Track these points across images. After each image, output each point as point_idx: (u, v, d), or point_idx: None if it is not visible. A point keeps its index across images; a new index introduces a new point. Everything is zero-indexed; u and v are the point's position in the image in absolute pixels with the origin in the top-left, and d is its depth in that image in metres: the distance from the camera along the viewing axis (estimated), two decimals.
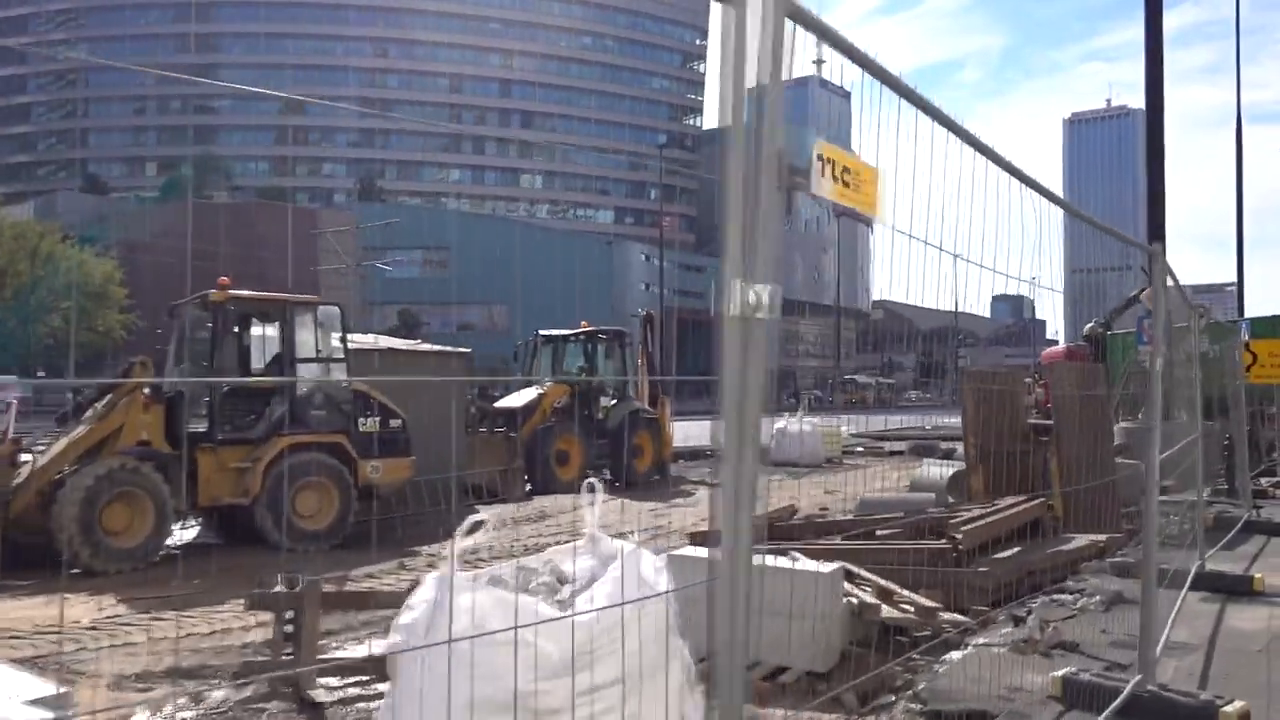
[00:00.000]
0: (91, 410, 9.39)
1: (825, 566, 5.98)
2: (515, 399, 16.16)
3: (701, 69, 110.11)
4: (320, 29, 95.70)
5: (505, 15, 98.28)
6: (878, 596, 6.74)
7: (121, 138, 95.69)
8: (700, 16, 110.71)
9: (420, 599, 3.83)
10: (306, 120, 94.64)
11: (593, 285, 58.68)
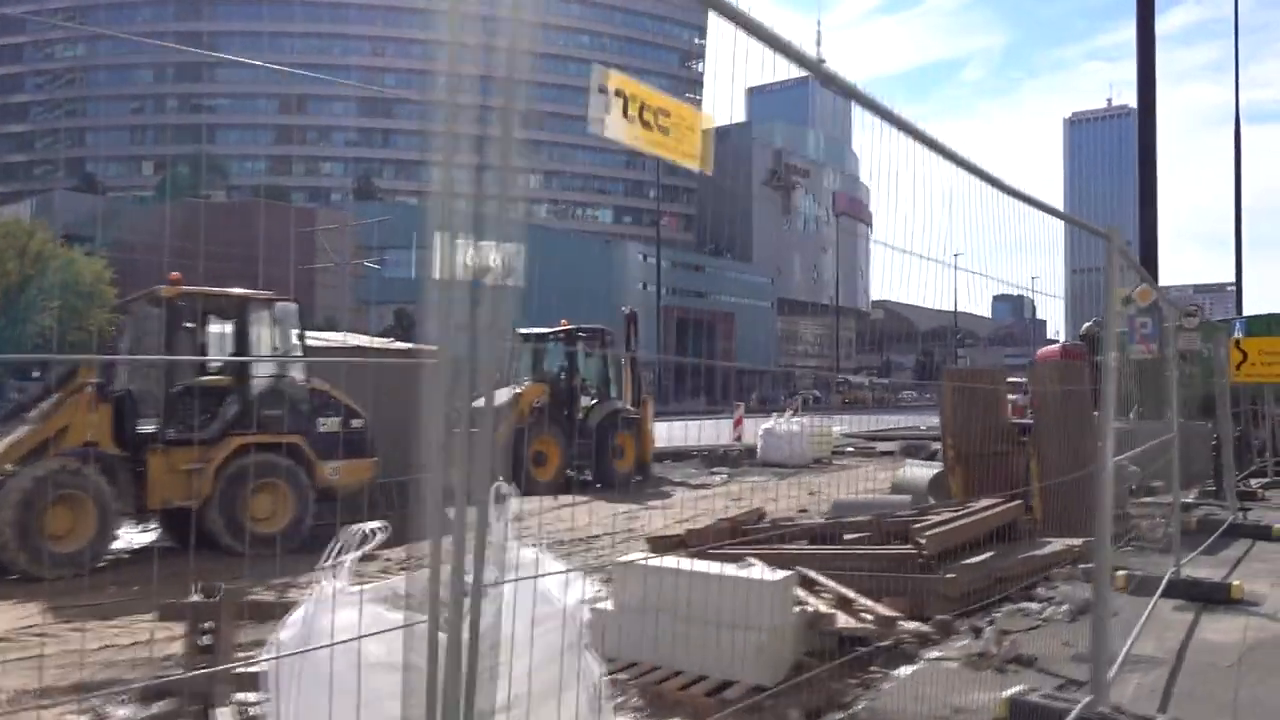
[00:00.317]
0: (36, 409, 9.07)
1: (775, 574, 5.66)
2: None
3: (700, 68, 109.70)
4: (318, 28, 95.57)
5: (502, 14, 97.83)
6: (836, 605, 6.43)
7: (118, 136, 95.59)
8: (698, 15, 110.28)
9: (298, 616, 3.52)
10: (304, 119, 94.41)
11: (590, 285, 58.36)
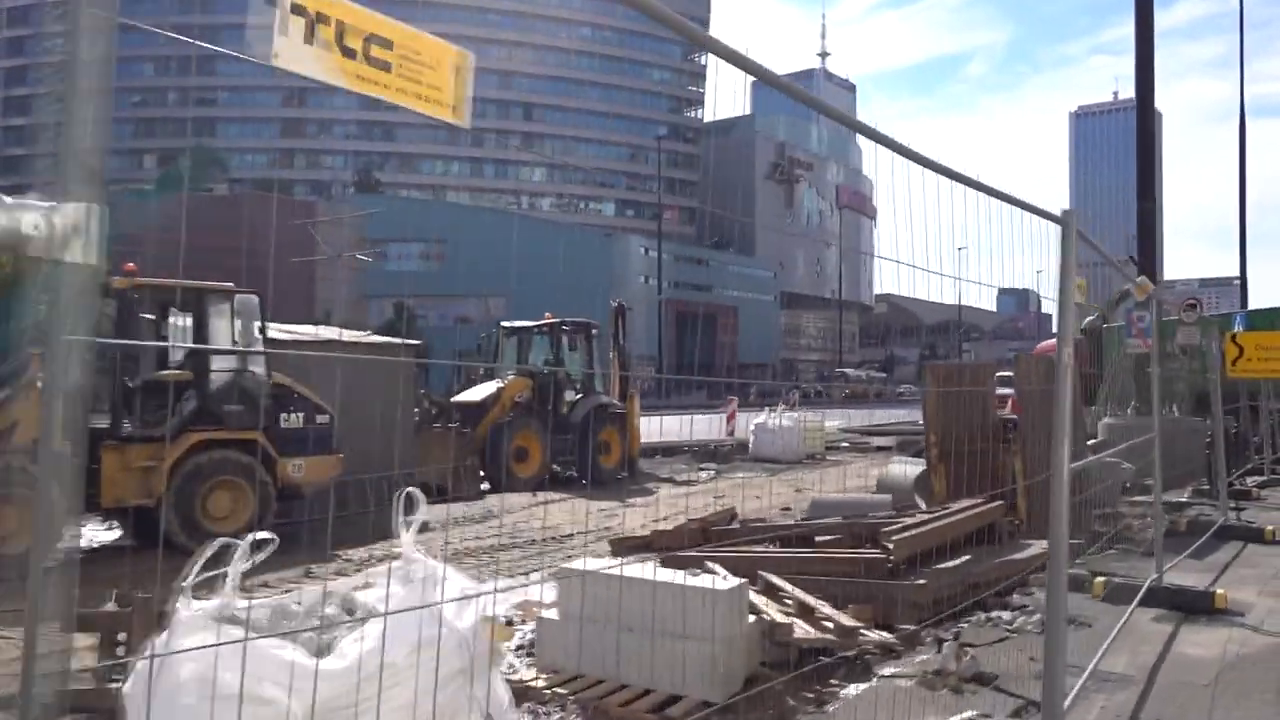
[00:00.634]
0: None
1: (727, 582, 5.34)
2: (474, 393, 15.52)
3: (702, 61, 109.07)
4: None
5: (504, 7, 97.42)
6: (798, 613, 6.11)
7: (119, 129, 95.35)
8: (701, 7, 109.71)
9: (162, 639, 3.20)
10: (306, 112, 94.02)
11: (591, 278, 57.99)
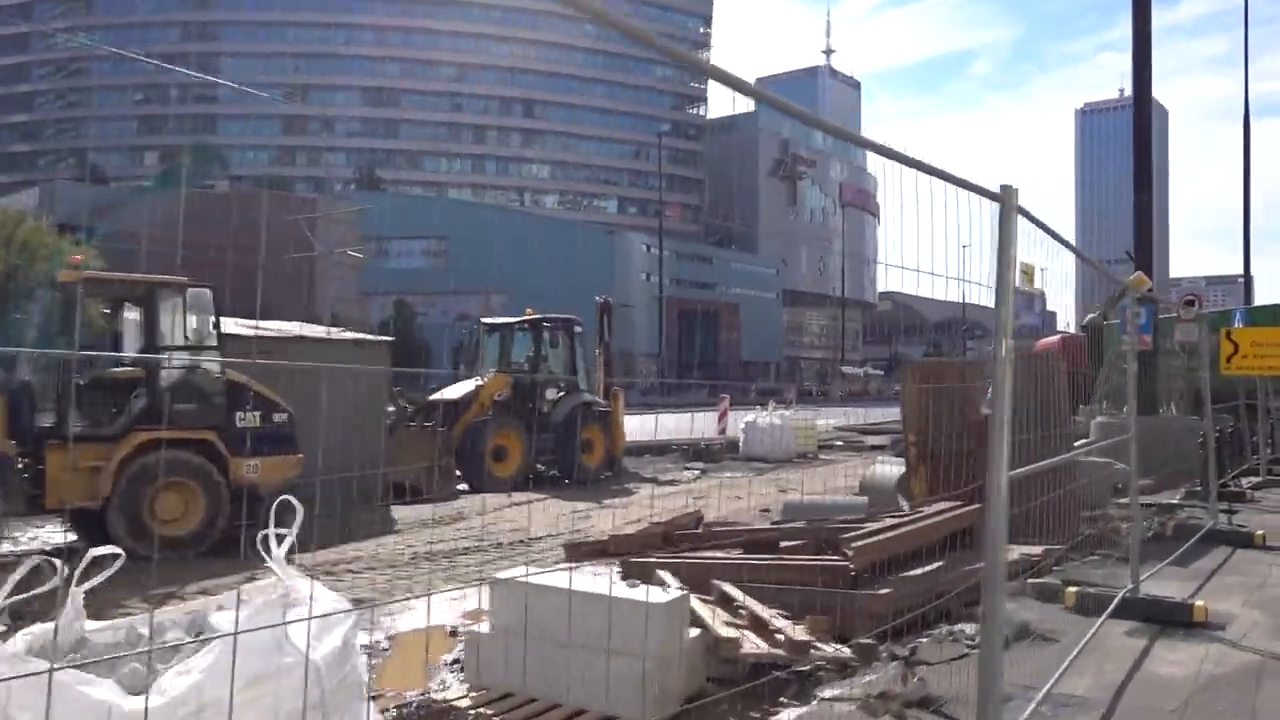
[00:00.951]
0: None
1: (665, 595, 4.98)
2: (452, 391, 15.20)
3: (706, 57, 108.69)
4: (321, 17, 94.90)
5: (506, 2, 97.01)
6: (750, 625, 5.75)
7: (122, 126, 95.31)
8: (704, 4, 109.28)
9: None
10: (308, 109, 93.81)
11: (594, 275, 57.69)
